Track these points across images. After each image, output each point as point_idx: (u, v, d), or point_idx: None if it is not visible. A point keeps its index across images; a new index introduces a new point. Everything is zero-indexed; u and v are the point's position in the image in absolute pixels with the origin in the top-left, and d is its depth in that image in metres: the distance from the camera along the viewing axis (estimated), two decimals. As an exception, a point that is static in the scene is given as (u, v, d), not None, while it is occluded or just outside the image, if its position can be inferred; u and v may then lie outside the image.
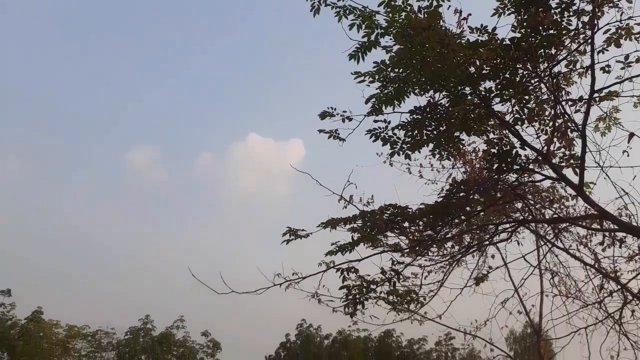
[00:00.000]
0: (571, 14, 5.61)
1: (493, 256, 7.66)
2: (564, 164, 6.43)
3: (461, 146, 6.69)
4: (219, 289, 6.16)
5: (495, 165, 6.24)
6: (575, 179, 6.07)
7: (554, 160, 6.35)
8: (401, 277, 6.71)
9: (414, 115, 6.26)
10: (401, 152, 6.44)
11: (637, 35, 5.57)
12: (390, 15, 5.80)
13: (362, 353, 47.71)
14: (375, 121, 6.39)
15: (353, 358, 46.69)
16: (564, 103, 6.12)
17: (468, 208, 6.73)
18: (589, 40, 5.60)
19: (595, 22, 5.46)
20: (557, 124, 6.17)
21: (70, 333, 42.79)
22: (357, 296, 6.45)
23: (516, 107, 6.17)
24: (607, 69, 5.86)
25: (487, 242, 7.42)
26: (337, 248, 6.42)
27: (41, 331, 40.88)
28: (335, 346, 48.70)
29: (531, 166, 6.56)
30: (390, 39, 5.94)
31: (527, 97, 6.12)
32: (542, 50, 5.76)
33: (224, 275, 6.08)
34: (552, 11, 5.55)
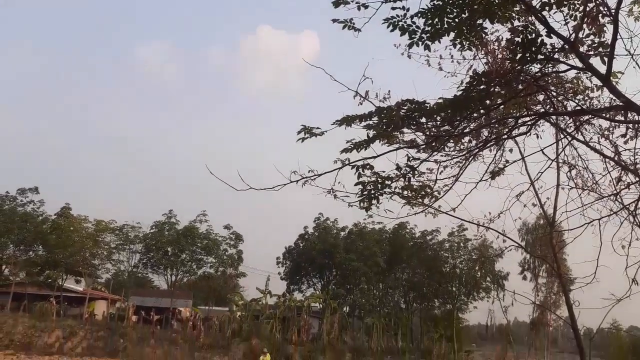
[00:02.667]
0: None
1: (511, 150, 7.56)
2: (591, 52, 6.08)
3: (484, 35, 6.31)
4: (237, 185, 6.22)
5: (519, 55, 5.93)
6: (602, 69, 5.77)
7: (581, 49, 6.00)
8: (416, 172, 6.71)
9: (435, 1, 5.84)
10: (420, 43, 6.10)
11: None
12: None
13: (377, 243, 49.84)
14: (393, 8, 5.99)
15: (368, 248, 48.84)
16: (597, -16, 5.64)
17: (488, 101, 6.51)
18: None
19: None
20: (587, 9, 5.74)
21: (98, 227, 45.09)
22: (372, 191, 6.50)
23: (545, -10, 5.71)
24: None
25: (505, 136, 7.28)
26: (352, 145, 6.34)
27: (71, 226, 43.13)
28: (351, 237, 50.82)
29: (557, 55, 6.22)
30: None
31: (557, -22, 5.63)
32: None
33: (241, 172, 6.12)
34: None
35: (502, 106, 6.78)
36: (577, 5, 5.85)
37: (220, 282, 52.35)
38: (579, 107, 6.80)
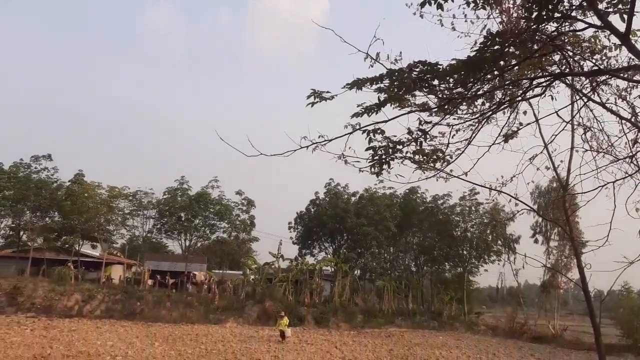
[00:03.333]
0: None
1: (525, 112, 7.41)
2: (610, 9, 5.87)
3: (498, -7, 6.11)
4: (248, 151, 6.19)
5: (535, 14, 5.74)
6: (621, 27, 5.57)
7: (600, 6, 5.79)
8: (428, 136, 6.62)
9: (448, -42, 5.64)
10: (433, 1, 5.92)
11: None
12: None
13: (388, 208, 49.96)
14: (405, -34, 5.80)
15: (379, 213, 49.03)
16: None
17: (502, 62, 6.35)
18: None
19: None
20: (608, -38, 5.50)
21: (112, 193, 45.61)
22: (383, 156, 6.45)
23: (564, -56, 5.47)
24: None
25: (519, 98, 7.14)
26: (363, 110, 6.25)
27: (85, 192, 43.69)
28: (362, 202, 50.98)
29: (574, 13, 6.01)
30: None
31: None
32: None
33: (251, 138, 6.07)
34: None
35: (517, 67, 6.62)
36: (597, -41, 5.61)
37: (233, 247, 53.13)
38: (596, 67, 6.62)
